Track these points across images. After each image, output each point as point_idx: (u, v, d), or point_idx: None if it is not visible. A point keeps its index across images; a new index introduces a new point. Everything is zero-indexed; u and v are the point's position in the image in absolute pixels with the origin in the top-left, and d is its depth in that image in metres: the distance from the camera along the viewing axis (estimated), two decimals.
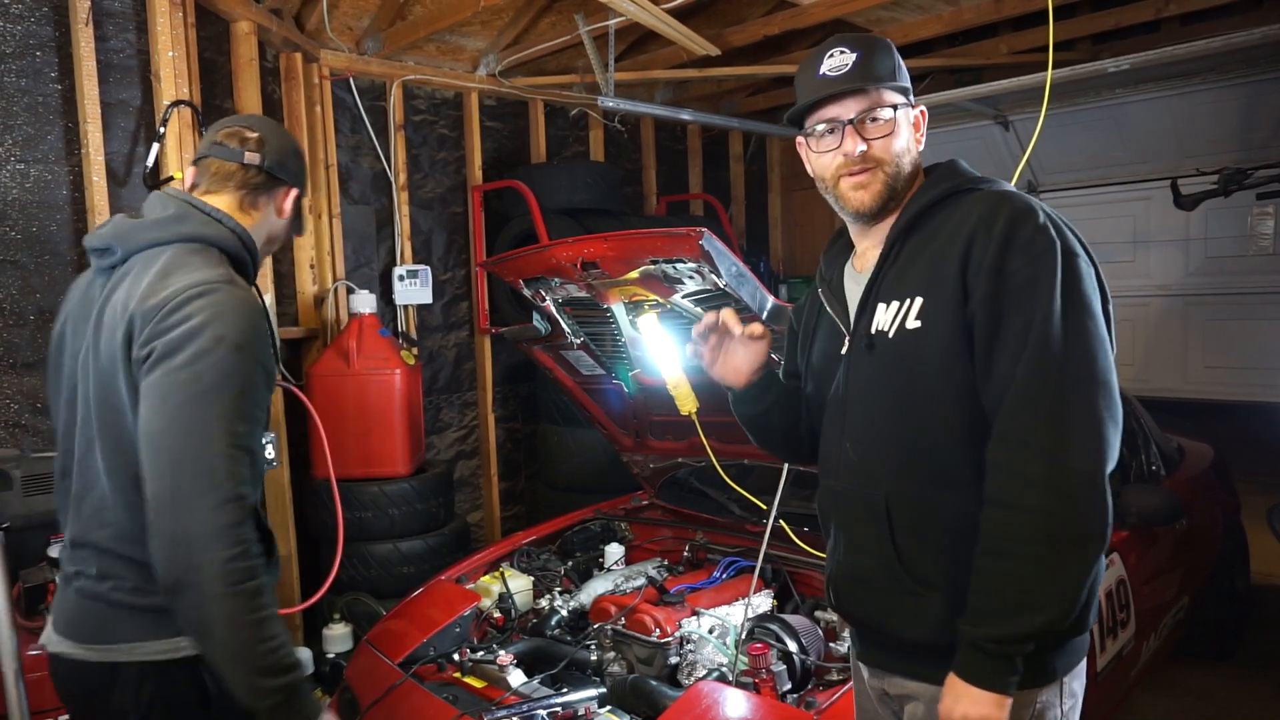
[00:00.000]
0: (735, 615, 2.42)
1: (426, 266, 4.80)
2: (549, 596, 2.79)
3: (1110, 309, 1.40)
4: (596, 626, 2.49)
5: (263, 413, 1.49)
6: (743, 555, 2.86)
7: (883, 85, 1.46)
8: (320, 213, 4.31)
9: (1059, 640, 1.39)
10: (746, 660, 2.15)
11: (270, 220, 1.70)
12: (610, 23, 4.32)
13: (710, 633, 2.35)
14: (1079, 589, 1.29)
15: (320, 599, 3.31)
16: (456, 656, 2.42)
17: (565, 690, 2.20)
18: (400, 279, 4.69)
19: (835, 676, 2.17)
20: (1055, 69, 2.24)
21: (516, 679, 2.28)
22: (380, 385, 3.98)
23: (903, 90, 1.49)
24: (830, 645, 2.30)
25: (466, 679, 2.36)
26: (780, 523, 2.52)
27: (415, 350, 4.47)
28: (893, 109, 1.46)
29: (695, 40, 4.35)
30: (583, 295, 2.74)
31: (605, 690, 2.21)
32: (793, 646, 2.20)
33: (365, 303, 4.14)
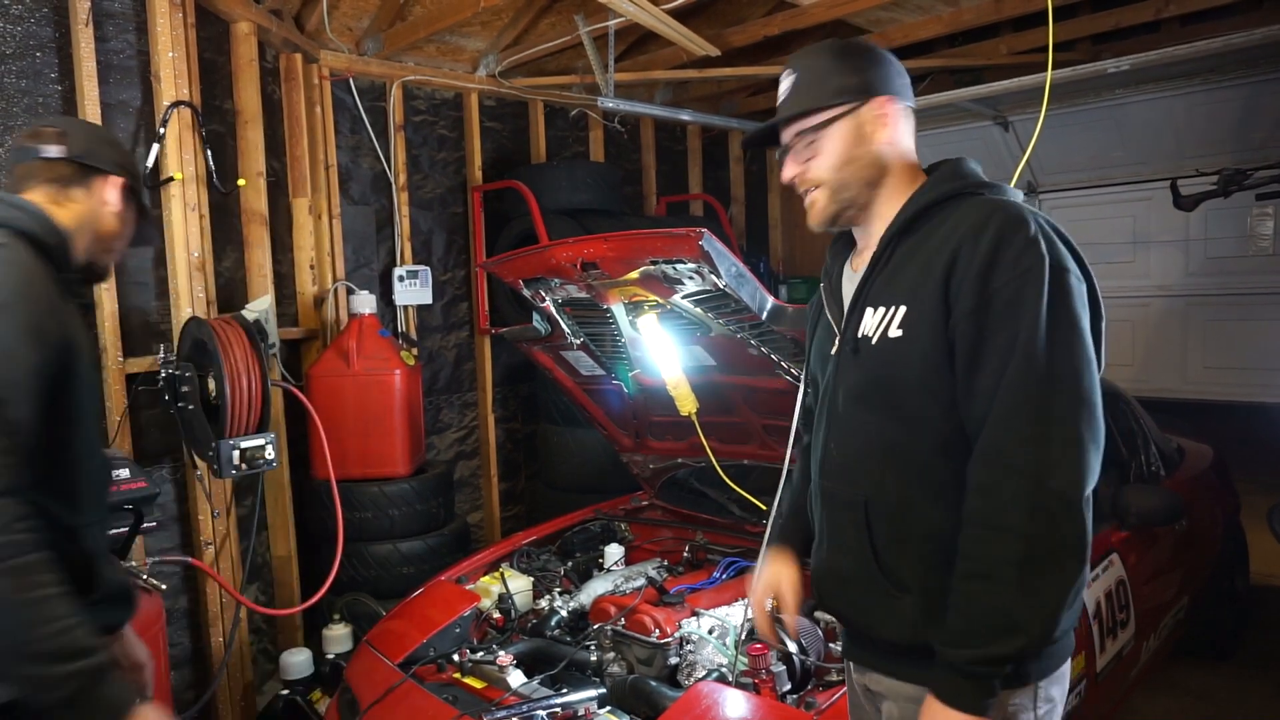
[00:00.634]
0: (735, 616, 2.42)
1: (426, 267, 4.80)
2: (549, 597, 2.79)
3: (1103, 325, 1.38)
4: (596, 627, 2.49)
5: (33, 379, 1.34)
6: (742, 555, 2.86)
7: (816, 104, 1.46)
8: (320, 213, 4.31)
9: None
10: (746, 661, 2.14)
11: (96, 212, 1.64)
12: (610, 23, 4.33)
13: (710, 633, 2.35)
14: (1059, 609, 1.29)
15: (320, 599, 3.31)
16: (456, 657, 2.42)
17: (565, 691, 2.20)
18: (400, 279, 4.69)
19: (835, 677, 2.17)
20: (1055, 69, 2.25)
21: (516, 679, 2.28)
22: (380, 386, 3.98)
23: (847, 93, 1.46)
24: (830, 645, 2.30)
25: (466, 679, 2.36)
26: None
27: (415, 351, 4.47)
28: (825, 124, 1.46)
29: (695, 41, 4.35)
30: (583, 296, 2.74)
31: (605, 691, 2.21)
32: (792, 647, 2.19)
33: (365, 303, 4.14)
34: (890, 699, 1.50)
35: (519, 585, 2.85)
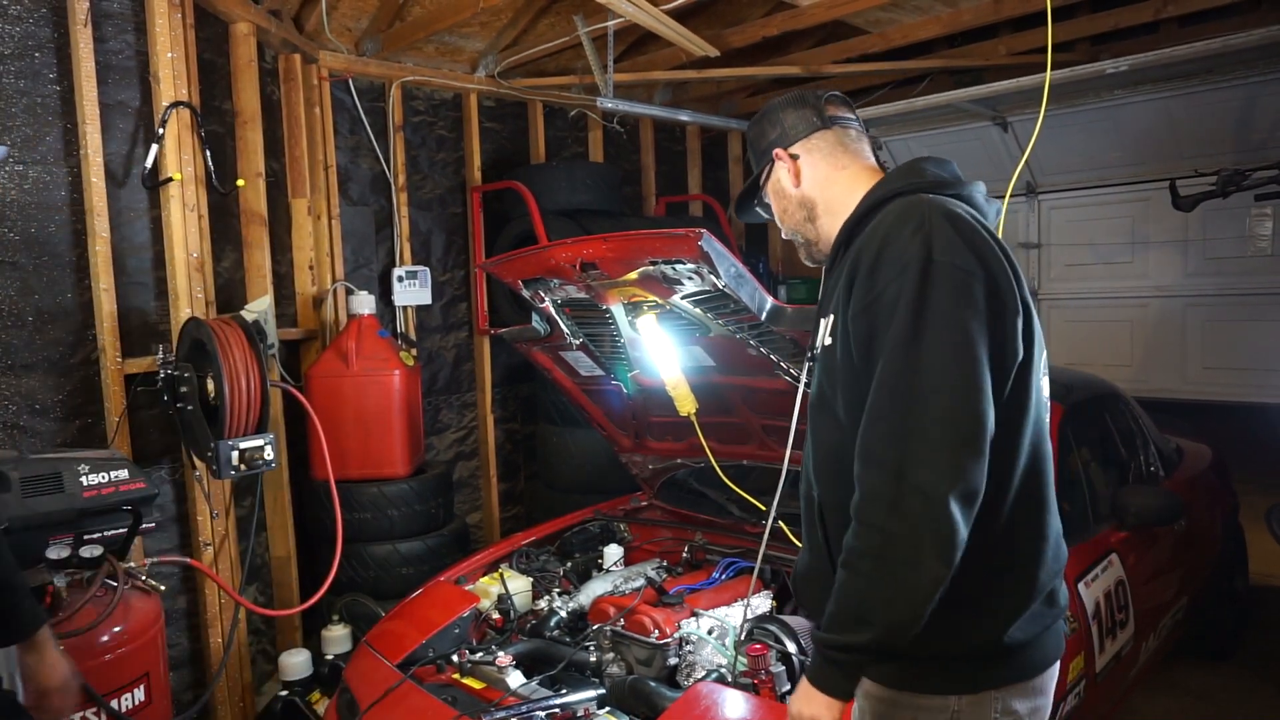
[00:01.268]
0: (734, 616, 2.42)
1: (426, 267, 4.80)
2: (548, 597, 2.79)
3: (1010, 316, 1.33)
4: (596, 628, 2.49)
5: None
6: (742, 556, 2.86)
7: (754, 173, 1.70)
8: (319, 214, 4.31)
9: (983, 651, 1.40)
10: (746, 661, 2.14)
11: None
12: (609, 24, 4.33)
13: (709, 634, 2.35)
14: (911, 609, 1.28)
15: (319, 600, 3.31)
16: (455, 658, 2.42)
17: (564, 691, 2.20)
18: (399, 280, 4.69)
19: None
20: (1054, 70, 2.25)
21: (515, 680, 2.28)
22: (379, 386, 3.98)
23: (762, 158, 1.67)
24: None
25: (465, 680, 2.36)
26: (779, 523, 2.52)
27: (414, 351, 4.46)
28: (763, 187, 1.70)
29: (694, 41, 4.35)
30: (582, 296, 2.74)
31: (604, 691, 2.21)
32: (792, 647, 2.20)
33: (364, 304, 4.14)
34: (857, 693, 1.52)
35: (518, 586, 2.85)
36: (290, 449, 3.96)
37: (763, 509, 2.91)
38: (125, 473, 2.42)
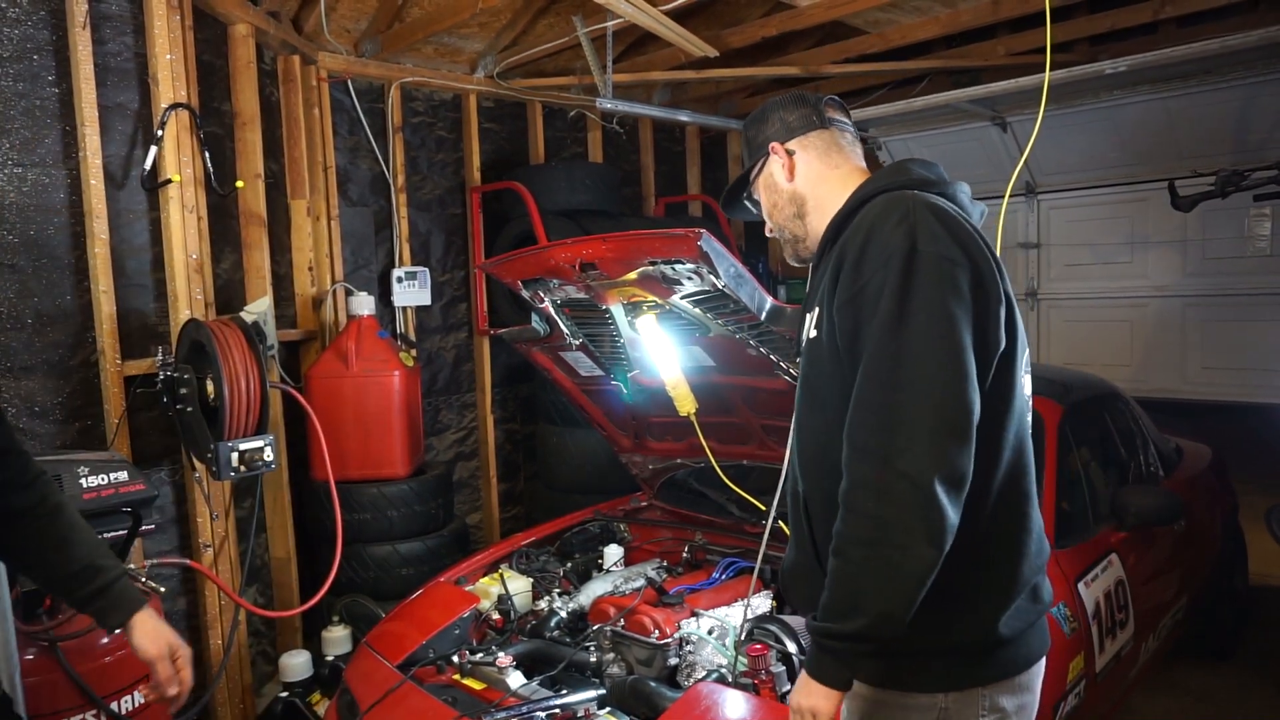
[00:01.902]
0: (734, 616, 2.42)
1: (425, 268, 4.80)
2: (548, 598, 2.79)
3: (993, 306, 1.35)
4: (596, 628, 2.49)
5: None
6: (742, 556, 2.86)
7: (746, 168, 1.71)
8: (319, 214, 4.31)
9: (969, 648, 1.40)
10: (746, 661, 2.14)
11: None
12: (608, 24, 4.33)
13: (709, 634, 2.35)
14: (903, 596, 1.28)
15: (319, 601, 3.31)
16: (456, 658, 2.41)
17: (564, 692, 2.19)
18: (399, 281, 4.69)
19: None
20: (1053, 70, 2.25)
21: (516, 680, 2.28)
22: (379, 387, 3.98)
23: (756, 152, 1.68)
24: None
25: (466, 681, 2.35)
26: (779, 523, 2.51)
27: (414, 352, 4.47)
28: (754, 182, 1.71)
29: (693, 42, 4.36)
30: (581, 296, 2.74)
31: (605, 691, 2.21)
32: (792, 647, 2.20)
33: (364, 304, 4.14)
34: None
35: (518, 586, 2.85)
36: (290, 450, 3.96)
37: (763, 509, 2.91)
38: (125, 474, 2.42)
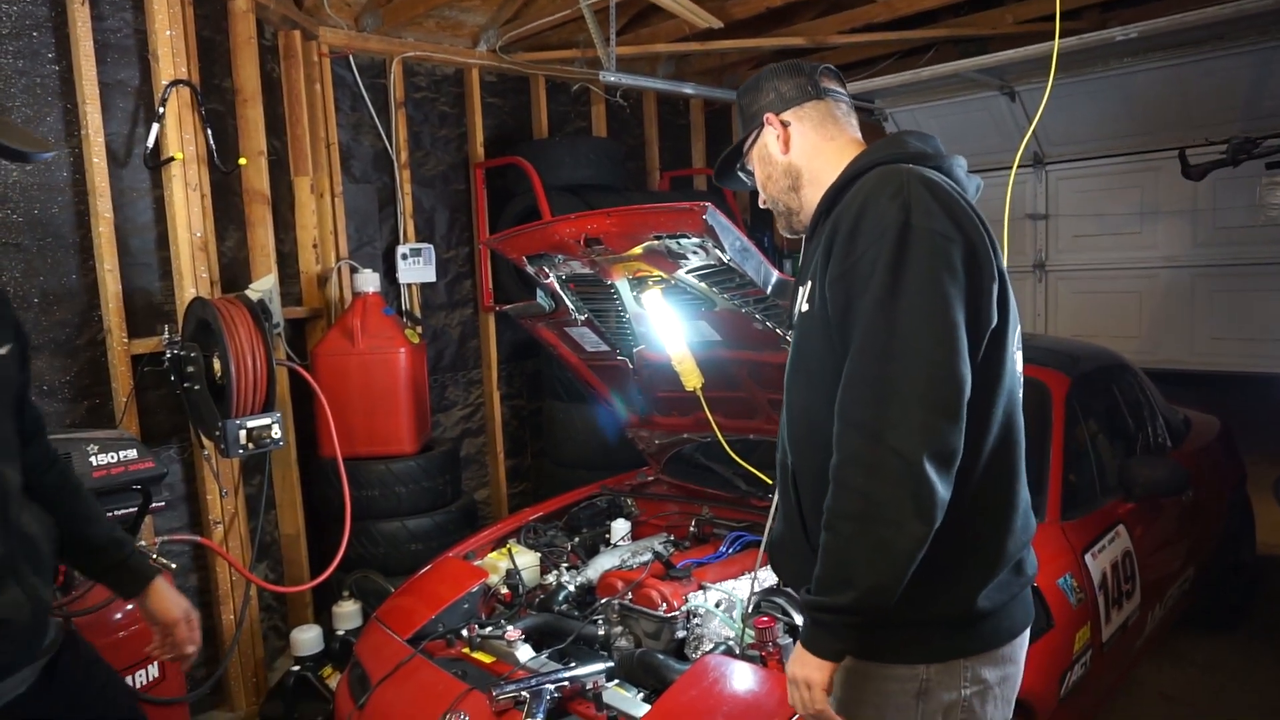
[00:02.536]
0: (741, 589, 2.43)
1: (429, 245, 4.79)
2: (556, 572, 2.80)
3: (986, 282, 1.34)
4: (604, 601, 2.50)
5: None
6: (748, 530, 2.87)
7: (740, 138, 1.67)
8: (322, 192, 4.29)
9: (951, 620, 1.41)
10: (753, 634, 2.16)
11: None
12: None
13: (717, 607, 2.36)
14: (893, 570, 1.29)
15: (329, 577, 3.33)
16: (465, 632, 2.43)
17: (573, 665, 2.21)
18: (404, 257, 4.68)
19: None
20: (1062, 38, 2.22)
21: (524, 654, 2.30)
22: (385, 364, 3.98)
23: (750, 122, 1.65)
24: None
25: (475, 654, 2.38)
26: None
27: (419, 329, 4.47)
28: (748, 153, 1.67)
29: (697, 13, 4.30)
30: (586, 272, 2.73)
31: (613, 664, 2.23)
32: (798, 620, 2.21)
33: (369, 282, 4.14)
34: None
35: (526, 561, 2.87)
36: (297, 427, 3.97)
37: (769, 483, 2.91)
38: (134, 452, 2.43)
